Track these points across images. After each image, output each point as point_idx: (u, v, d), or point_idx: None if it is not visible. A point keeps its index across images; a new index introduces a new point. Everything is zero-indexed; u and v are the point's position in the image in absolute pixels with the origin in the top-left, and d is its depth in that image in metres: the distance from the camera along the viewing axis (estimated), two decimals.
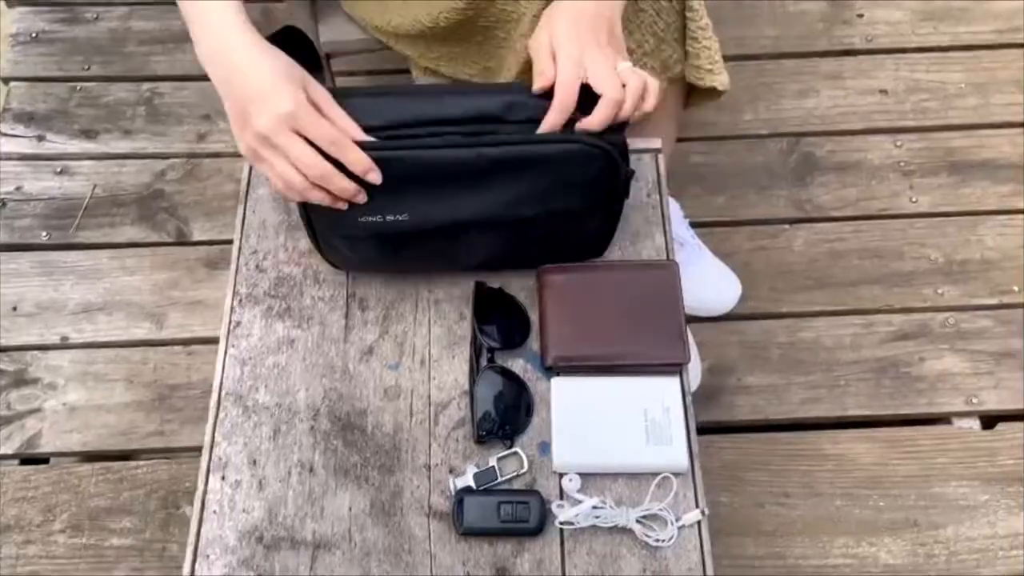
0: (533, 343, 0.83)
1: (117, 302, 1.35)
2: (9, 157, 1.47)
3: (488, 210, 0.76)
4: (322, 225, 0.78)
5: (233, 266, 0.87)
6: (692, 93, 1.02)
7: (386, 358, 0.82)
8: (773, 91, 1.54)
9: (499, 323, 0.82)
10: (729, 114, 1.52)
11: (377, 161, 0.71)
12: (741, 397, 1.29)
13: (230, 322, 0.84)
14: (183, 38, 1.58)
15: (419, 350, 0.83)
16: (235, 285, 0.86)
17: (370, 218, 0.75)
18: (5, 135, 1.49)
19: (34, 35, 1.59)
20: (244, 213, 0.90)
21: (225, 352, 0.83)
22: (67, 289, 1.36)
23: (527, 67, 0.83)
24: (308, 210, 0.76)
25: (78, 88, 1.53)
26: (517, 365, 0.81)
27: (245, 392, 0.81)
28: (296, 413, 0.80)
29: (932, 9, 1.61)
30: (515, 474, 0.77)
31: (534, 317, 0.83)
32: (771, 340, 1.33)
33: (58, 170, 1.46)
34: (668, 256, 0.86)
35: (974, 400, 1.28)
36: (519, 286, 0.85)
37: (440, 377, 0.82)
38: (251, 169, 0.92)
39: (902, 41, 1.59)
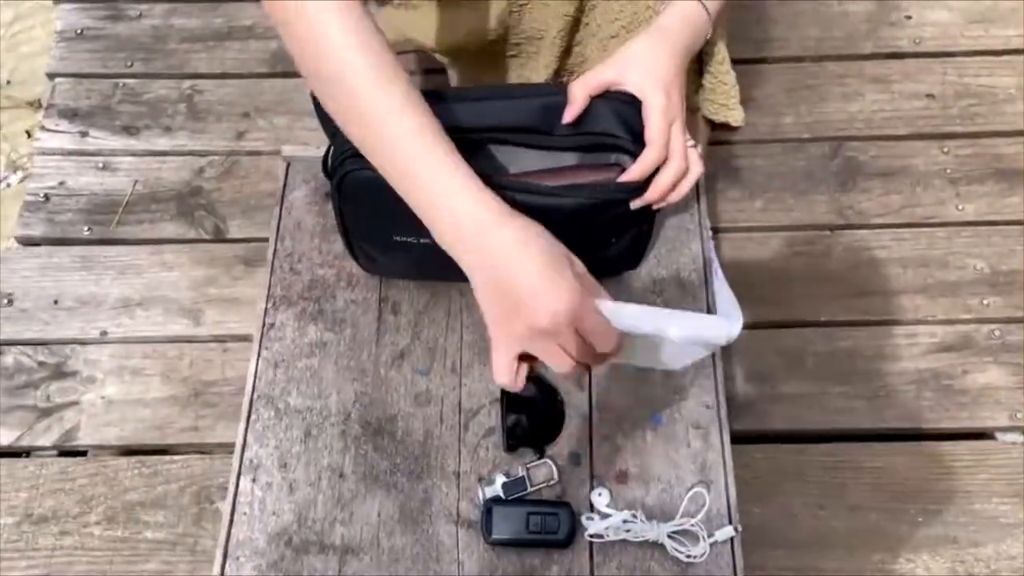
0: None
1: (155, 298, 1.37)
2: (53, 152, 1.49)
3: None
4: (357, 234, 0.78)
5: (268, 268, 0.87)
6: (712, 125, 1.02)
7: (417, 363, 0.82)
8: (815, 94, 1.51)
9: None
10: (769, 117, 1.49)
11: None
12: (776, 406, 1.27)
13: (264, 324, 0.84)
14: (223, 36, 1.60)
15: (450, 356, 0.82)
16: (270, 287, 0.86)
17: (404, 238, 0.75)
18: (49, 131, 1.51)
19: (79, 31, 1.61)
20: (280, 215, 0.90)
21: (259, 354, 0.83)
22: (107, 284, 1.38)
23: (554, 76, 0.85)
24: (344, 217, 0.76)
25: (121, 85, 1.55)
26: (549, 372, 0.80)
27: (277, 394, 0.81)
28: (327, 417, 0.80)
29: (983, 11, 1.57)
30: (545, 484, 0.76)
31: None
32: (808, 349, 1.31)
33: (100, 166, 1.48)
34: (704, 267, 0.85)
35: (1019, 415, 1.25)
36: None
37: (471, 384, 0.81)
38: (288, 171, 0.92)
39: (951, 44, 1.54)
